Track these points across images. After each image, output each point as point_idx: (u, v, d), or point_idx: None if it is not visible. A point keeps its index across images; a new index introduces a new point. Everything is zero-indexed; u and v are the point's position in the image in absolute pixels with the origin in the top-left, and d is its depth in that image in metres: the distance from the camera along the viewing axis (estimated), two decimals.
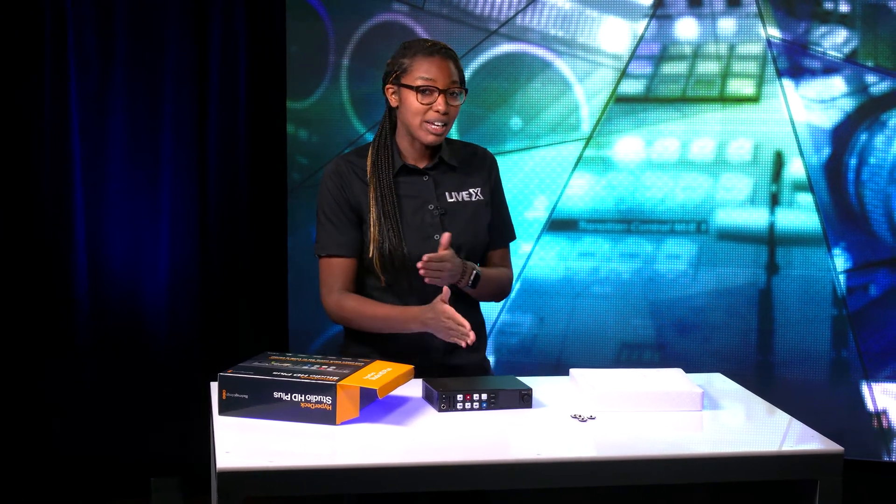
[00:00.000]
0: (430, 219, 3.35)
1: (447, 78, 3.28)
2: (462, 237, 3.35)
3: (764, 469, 2.76)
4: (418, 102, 3.27)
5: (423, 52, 3.30)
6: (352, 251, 3.37)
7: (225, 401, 2.92)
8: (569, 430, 2.89)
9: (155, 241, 5.10)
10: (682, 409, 3.05)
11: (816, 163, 4.95)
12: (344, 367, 3.00)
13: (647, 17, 5.00)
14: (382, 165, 3.34)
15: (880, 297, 4.96)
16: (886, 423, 4.99)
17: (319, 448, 2.72)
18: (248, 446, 2.70)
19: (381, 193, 3.32)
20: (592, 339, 5.10)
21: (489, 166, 3.47)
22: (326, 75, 5.19)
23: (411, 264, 3.30)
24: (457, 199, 3.38)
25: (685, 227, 5.06)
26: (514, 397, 3.05)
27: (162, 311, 5.13)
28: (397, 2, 5.10)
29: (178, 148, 5.09)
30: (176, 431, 5.14)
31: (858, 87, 4.91)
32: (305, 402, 2.86)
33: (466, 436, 2.84)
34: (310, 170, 5.20)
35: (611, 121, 5.05)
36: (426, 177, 3.37)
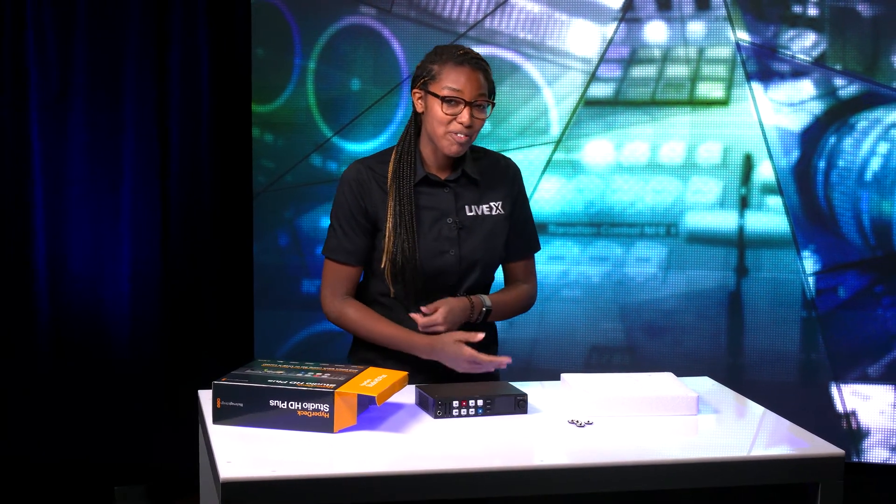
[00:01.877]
0: (448, 232, 3.30)
1: (475, 90, 3.20)
2: (478, 253, 3.32)
3: (767, 473, 2.76)
4: (443, 112, 3.20)
5: (453, 60, 3.21)
6: (358, 260, 3.34)
7: (220, 409, 2.87)
8: (567, 435, 2.87)
9: (116, 245, 5.04)
10: (677, 414, 3.04)
11: (785, 166, 4.97)
12: (338, 374, 2.96)
13: (616, 21, 5.00)
14: (404, 174, 3.28)
15: (849, 299, 5.00)
16: (855, 424, 5.03)
17: (320, 457, 2.69)
18: (249, 456, 2.66)
19: (400, 204, 3.27)
20: (562, 342, 5.09)
21: (512, 177, 3.41)
22: (292, 78, 5.15)
23: (423, 277, 3.28)
24: (476, 213, 3.33)
25: (655, 230, 5.06)
26: (509, 403, 3.02)
27: (124, 316, 5.07)
28: (364, 4, 5.07)
29: (140, 151, 5.03)
30: (139, 437, 5.09)
31: (827, 91, 4.94)
32: (302, 410, 2.82)
33: (465, 443, 2.82)
34: (275, 173, 5.15)
35: (580, 124, 5.05)
36: (447, 189, 3.32)
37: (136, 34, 4.99)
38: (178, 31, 5.05)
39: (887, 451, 5.00)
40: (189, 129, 5.10)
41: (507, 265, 3.47)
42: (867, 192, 4.94)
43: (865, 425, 5.02)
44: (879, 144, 4.92)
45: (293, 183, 5.16)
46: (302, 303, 5.20)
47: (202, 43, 5.08)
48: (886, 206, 4.93)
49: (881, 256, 4.96)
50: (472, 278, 3.33)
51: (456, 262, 3.30)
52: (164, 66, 5.05)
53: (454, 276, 3.31)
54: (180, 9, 5.04)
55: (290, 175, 5.16)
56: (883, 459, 4.99)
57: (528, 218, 3.48)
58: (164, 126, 5.07)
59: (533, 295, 3.51)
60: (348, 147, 5.11)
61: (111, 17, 4.97)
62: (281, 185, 5.17)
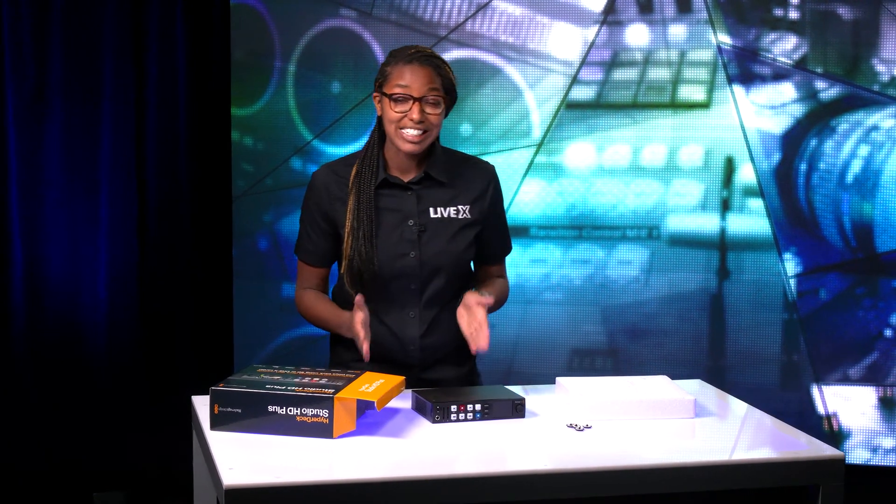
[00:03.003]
0: (409, 235, 3.29)
1: (424, 85, 3.21)
2: (441, 256, 3.31)
3: (767, 476, 2.76)
4: (393, 111, 3.22)
5: (403, 60, 3.24)
6: (320, 261, 3.39)
7: (217, 415, 2.85)
8: (567, 439, 2.87)
9: (93, 249, 5.00)
10: (674, 417, 3.04)
11: (767, 168, 4.99)
12: (336, 379, 2.95)
13: (597, 24, 5.01)
14: (365, 177, 3.29)
15: (831, 301, 5.01)
16: (837, 426, 5.05)
17: (321, 463, 2.67)
18: (250, 462, 2.64)
19: (358, 206, 3.27)
20: (544, 345, 5.09)
21: (487, 182, 3.40)
22: (272, 81, 5.12)
23: (382, 280, 3.27)
24: (441, 216, 3.32)
25: (636, 232, 5.07)
26: (507, 407, 3.02)
27: (101, 323, 5.03)
28: (345, 7, 5.05)
29: (117, 154, 4.99)
30: (117, 443, 5.05)
31: (808, 94, 4.96)
32: (301, 416, 2.80)
33: (466, 447, 2.81)
34: (255, 177, 5.13)
35: (561, 127, 5.05)
36: (410, 191, 3.32)
37: (113, 37, 4.95)
38: (155, 33, 5.01)
39: (868, 453, 5.02)
40: (167, 132, 5.07)
41: (483, 267, 3.48)
42: (848, 195, 4.96)
43: (847, 427, 5.04)
44: (860, 147, 4.94)
45: (273, 186, 5.14)
46: (282, 307, 5.18)
47: (180, 46, 5.05)
48: (867, 209, 4.95)
49: (862, 258, 4.99)
50: (437, 283, 3.32)
51: (417, 264, 3.29)
52: (142, 70, 5.01)
53: (415, 279, 3.30)
54: (157, 11, 5.00)
55: (270, 178, 5.13)
56: (864, 461, 5.02)
57: (504, 221, 3.50)
58: (141, 129, 5.03)
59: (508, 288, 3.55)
60: (329, 150, 5.09)
61: (87, 19, 4.93)
62: (260, 189, 5.15)
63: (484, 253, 3.43)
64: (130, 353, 5.08)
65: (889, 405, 5.02)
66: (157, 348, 5.14)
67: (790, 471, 2.78)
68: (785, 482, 2.77)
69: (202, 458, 2.98)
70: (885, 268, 4.97)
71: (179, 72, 5.05)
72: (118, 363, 5.06)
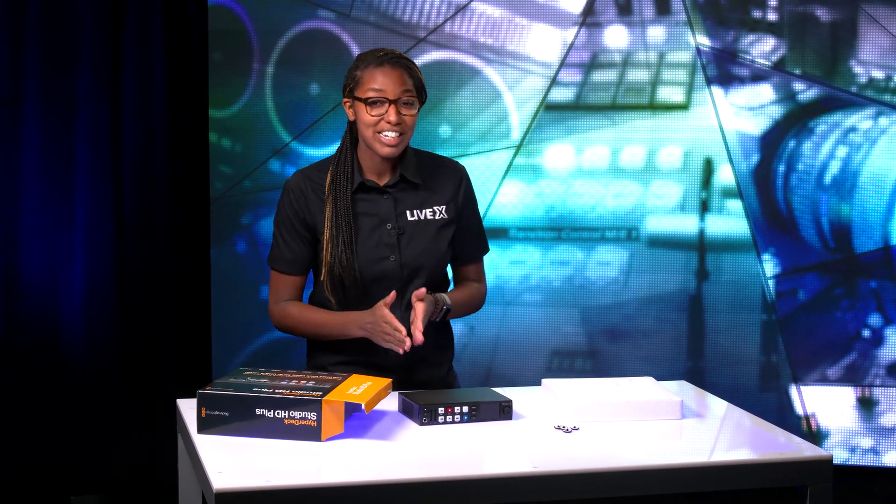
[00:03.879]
0: (388, 238, 3.29)
1: (398, 87, 3.22)
2: (420, 258, 3.31)
3: (755, 476, 2.77)
4: (369, 115, 3.21)
5: (373, 63, 3.24)
6: (299, 269, 3.37)
7: (204, 419, 2.83)
8: (555, 441, 2.87)
9: (70, 252, 4.97)
10: (661, 418, 3.04)
11: (745, 169, 5.00)
12: (324, 381, 2.94)
13: (576, 25, 5.01)
14: (340, 182, 3.28)
15: (809, 302, 5.03)
16: (815, 426, 5.07)
17: (311, 466, 2.66)
18: (239, 466, 2.62)
19: (336, 213, 3.27)
20: (523, 347, 5.09)
21: (458, 181, 3.40)
22: (250, 83, 5.10)
23: (363, 286, 3.27)
24: (418, 218, 3.32)
25: (616, 234, 5.07)
26: (494, 409, 3.02)
27: (78, 327, 5.00)
28: (323, 9, 5.04)
29: (94, 156, 4.97)
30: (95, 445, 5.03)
31: (786, 95, 4.97)
32: (289, 419, 2.79)
33: (454, 450, 2.81)
34: (233, 179, 5.11)
35: (541, 128, 5.05)
36: (386, 195, 3.31)
37: (90, 39, 4.92)
38: (132, 35, 4.98)
39: (847, 452, 5.04)
40: (144, 133, 5.04)
41: (459, 268, 3.47)
42: (826, 196, 4.98)
43: (825, 427, 5.06)
44: (838, 148, 4.97)
45: (251, 188, 5.12)
46: (260, 309, 5.15)
47: (158, 47, 5.02)
48: (845, 210, 4.98)
49: (840, 259, 5.01)
50: (416, 285, 3.30)
51: (397, 267, 3.29)
52: (119, 72, 4.99)
53: (396, 282, 3.29)
54: (135, 13, 4.98)
55: (248, 180, 5.12)
56: (843, 461, 5.03)
57: (478, 220, 3.49)
58: (118, 131, 5.00)
59: (484, 294, 3.53)
60: (307, 152, 5.07)
61: (64, 21, 4.90)
62: (239, 191, 5.13)
63: (459, 254, 3.43)
64: (108, 357, 5.05)
65: (867, 405, 5.04)
66: (134, 352, 5.11)
67: (778, 472, 2.79)
68: (773, 483, 2.78)
69: (188, 462, 2.97)
70: (864, 268, 5.00)
71: (157, 73, 5.03)
72: (96, 367, 5.03)
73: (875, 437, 5.05)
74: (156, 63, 5.02)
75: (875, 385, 5.04)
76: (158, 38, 5.02)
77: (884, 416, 5.04)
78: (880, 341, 5.02)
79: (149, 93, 5.03)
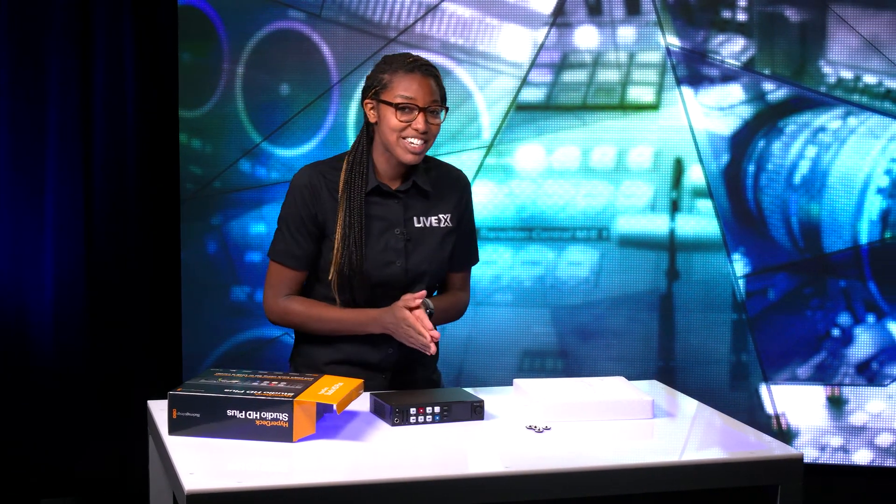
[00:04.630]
0: (395, 243, 3.29)
1: (428, 96, 3.21)
2: (424, 265, 3.32)
3: (726, 476, 2.78)
4: (397, 120, 3.19)
5: (403, 69, 3.21)
6: (304, 265, 3.34)
7: (176, 420, 2.82)
8: (527, 441, 2.87)
9: (39, 251, 4.95)
10: (633, 418, 3.05)
11: (715, 169, 5.02)
12: (295, 382, 2.93)
13: (547, 26, 5.02)
14: (355, 183, 3.27)
15: (779, 301, 5.05)
16: (785, 425, 5.09)
17: (282, 467, 2.66)
18: (210, 467, 2.62)
19: (350, 214, 3.25)
20: (495, 347, 5.09)
21: (461, 190, 3.41)
22: (220, 83, 5.09)
23: (367, 287, 3.27)
24: (424, 225, 3.33)
25: (586, 234, 5.08)
26: (466, 409, 3.02)
27: (48, 326, 4.98)
28: (293, 9, 5.03)
29: (63, 156, 4.95)
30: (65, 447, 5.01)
31: (756, 95, 4.99)
32: (261, 420, 2.78)
33: (425, 450, 2.81)
34: (204, 179, 5.10)
35: (511, 129, 5.06)
36: (397, 199, 3.31)
37: (60, 38, 4.91)
38: (102, 35, 4.97)
39: (817, 451, 5.07)
40: (114, 134, 5.03)
41: (447, 275, 3.46)
42: (796, 195, 5.00)
43: (795, 426, 5.08)
44: (807, 148, 4.99)
45: (222, 189, 5.11)
46: (231, 310, 5.15)
47: (128, 48, 5.01)
48: (815, 209, 5.00)
49: (810, 259, 5.03)
50: (417, 290, 3.31)
51: (402, 273, 3.30)
52: (89, 72, 4.97)
53: (399, 287, 3.30)
54: (105, 13, 4.97)
55: (219, 181, 5.10)
56: (812, 459, 5.06)
57: (473, 230, 3.49)
58: (88, 131, 4.99)
59: (465, 304, 3.53)
60: (277, 152, 5.07)
61: (34, 20, 4.88)
62: (209, 192, 5.12)
63: (451, 261, 3.43)
64: (78, 357, 5.03)
65: (837, 404, 5.07)
66: (105, 352, 5.09)
67: (749, 471, 2.79)
68: (744, 482, 2.78)
69: (159, 463, 2.96)
70: (833, 268, 5.02)
71: (127, 74, 5.01)
72: (65, 368, 5.01)
73: (844, 436, 5.07)
74: (126, 64, 5.01)
75: (844, 384, 5.06)
76: (128, 39, 5.00)
77: (853, 415, 5.07)
78: (850, 340, 5.05)
79: (119, 93, 5.01)
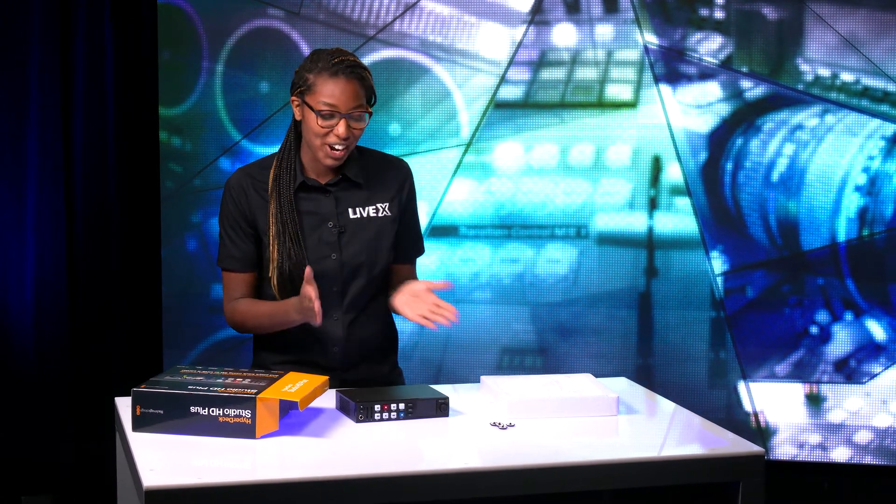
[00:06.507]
0: (329, 237, 3.28)
1: (351, 101, 3.16)
2: (361, 256, 3.31)
3: (687, 472, 2.78)
4: (319, 126, 3.17)
5: (327, 71, 3.16)
6: (246, 266, 3.33)
7: (139, 417, 2.83)
8: (490, 438, 2.88)
9: (19, 251, 4.95)
10: (598, 414, 3.06)
11: (694, 167, 5.02)
12: (259, 379, 2.94)
13: (525, 24, 5.02)
14: (284, 181, 3.26)
15: (757, 299, 5.06)
16: (764, 422, 5.09)
17: (243, 463, 2.67)
18: (171, 463, 2.63)
19: (281, 211, 3.25)
20: (474, 345, 5.09)
21: (402, 179, 3.39)
22: (200, 81, 5.09)
23: None
24: (360, 216, 3.31)
25: (565, 231, 5.09)
26: (430, 406, 3.02)
27: (28, 325, 4.98)
28: (272, 7, 5.03)
29: (43, 154, 4.95)
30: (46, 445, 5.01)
31: (734, 93, 5.00)
32: (224, 417, 2.79)
33: (388, 447, 2.81)
34: (183, 178, 5.10)
35: (490, 127, 5.06)
36: (328, 194, 3.30)
37: (39, 37, 4.91)
38: (82, 33, 4.97)
39: (795, 448, 5.07)
40: (94, 132, 5.03)
41: (393, 266, 3.43)
42: (774, 193, 5.01)
43: (773, 423, 5.09)
44: (785, 146, 4.99)
45: (201, 187, 5.11)
46: (211, 308, 5.15)
47: (107, 45, 5.01)
48: (792, 207, 5.00)
49: (788, 256, 5.03)
50: (358, 284, 3.32)
51: (338, 266, 3.29)
52: (69, 70, 4.97)
53: (337, 280, 3.30)
54: (84, 11, 4.97)
55: (199, 179, 5.11)
56: (791, 456, 5.06)
57: (416, 220, 3.48)
58: (68, 130, 4.99)
59: None
60: (257, 150, 5.07)
61: (13, 18, 4.88)
62: (189, 190, 5.12)
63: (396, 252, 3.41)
64: (59, 356, 5.03)
65: (815, 402, 5.07)
66: (85, 351, 5.09)
67: (710, 467, 2.80)
68: (705, 478, 2.79)
69: (125, 461, 2.97)
70: (811, 265, 5.02)
71: (107, 72, 5.02)
72: (46, 365, 5.01)
73: (823, 434, 5.08)
74: (106, 61, 5.01)
75: (823, 381, 5.07)
76: (108, 37, 5.00)
77: (831, 413, 5.07)
78: (828, 338, 5.05)
79: (99, 92, 5.02)
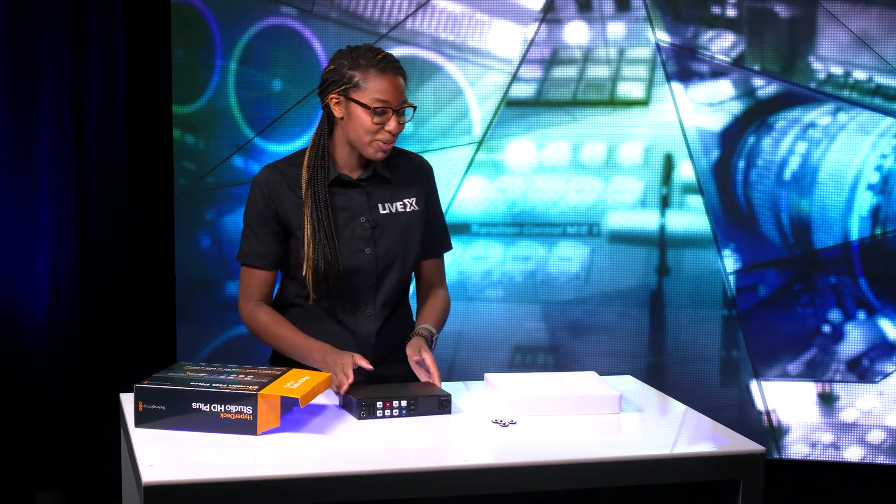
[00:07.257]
0: (362, 231, 3.29)
1: (401, 96, 3.19)
2: (394, 250, 3.32)
3: (687, 470, 2.78)
4: (372, 122, 3.17)
5: (375, 68, 3.17)
6: (271, 264, 3.33)
7: (142, 412, 2.84)
8: (492, 435, 2.88)
9: (34, 250, 4.97)
10: (600, 413, 3.06)
11: (706, 165, 5.02)
12: (262, 376, 2.95)
13: (537, 22, 5.02)
14: (318, 178, 3.25)
15: (769, 297, 5.05)
16: (776, 421, 5.08)
17: (244, 459, 2.68)
18: (171, 459, 2.64)
19: (317, 209, 3.24)
20: (486, 342, 5.10)
21: (425, 175, 3.41)
22: (213, 79, 5.11)
23: (343, 280, 3.26)
24: (390, 211, 3.32)
25: (577, 229, 5.09)
26: (433, 403, 3.03)
27: (41, 323, 5.01)
28: (285, 5, 5.05)
29: (57, 153, 4.97)
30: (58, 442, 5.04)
31: (746, 91, 4.99)
32: (225, 413, 2.80)
33: (390, 444, 2.82)
34: (197, 175, 5.12)
35: (502, 125, 5.06)
36: (359, 188, 3.31)
37: (52, 36, 4.93)
38: (95, 32, 4.99)
39: (807, 447, 5.06)
40: (108, 130, 5.05)
41: (420, 263, 3.45)
42: (786, 191, 5.00)
43: (786, 422, 5.08)
44: (797, 144, 4.98)
45: (214, 184, 5.13)
46: (224, 305, 5.17)
47: (120, 44, 5.03)
48: (805, 205, 4.99)
49: (800, 255, 5.02)
50: (392, 277, 3.33)
51: (373, 260, 3.29)
52: (82, 69, 4.99)
53: (371, 275, 3.30)
54: (97, 10, 4.98)
55: (212, 176, 5.13)
56: (803, 455, 5.05)
57: (440, 215, 3.49)
58: (81, 128, 5.01)
59: (449, 298, 3.54)
60: (270, 148, 5.08)
61: (26, 18, 4.90)
62: (202, 187, 5.14)
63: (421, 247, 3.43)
64: (71, 352, 5.06)
65: (827, 401, 5.06)
66: (99, 349, 5.11)
67: (710, 465, 2.80)
68: (705, 476, 2.79)
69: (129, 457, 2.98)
70: (823, 264, 5.01)
71: (120, 70, 5.03)
72: (59, 362, 5.04)
73: (835, 433, 5.07)
74: (119, 60, 5.03)
75: (835, 381, 5.06)
76: (121, 35, 5.02)
77: (844, 412, 5.06)
78: (840, 337, 5.04)
79: (112, 90, 5.03)
